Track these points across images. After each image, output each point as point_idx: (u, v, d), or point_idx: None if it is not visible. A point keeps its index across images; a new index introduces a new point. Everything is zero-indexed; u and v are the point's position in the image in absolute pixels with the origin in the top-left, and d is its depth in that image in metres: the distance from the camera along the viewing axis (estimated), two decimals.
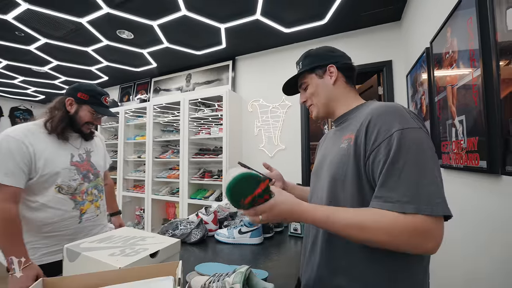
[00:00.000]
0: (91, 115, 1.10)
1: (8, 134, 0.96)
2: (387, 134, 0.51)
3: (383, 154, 0.50)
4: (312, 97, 0.73)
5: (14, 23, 2.22)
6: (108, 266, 0.63)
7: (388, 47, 2.26)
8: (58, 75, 3.67)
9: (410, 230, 0.45)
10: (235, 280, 0.47)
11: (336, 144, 0.65)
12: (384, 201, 0.49)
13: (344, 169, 0.58)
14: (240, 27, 2.32)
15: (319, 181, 0.69)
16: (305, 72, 0.72)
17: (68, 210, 1.05)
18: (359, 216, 0.50)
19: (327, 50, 0.73)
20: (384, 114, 0.54)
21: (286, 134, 2.65)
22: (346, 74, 0.71)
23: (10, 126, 5.24)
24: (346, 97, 0.70)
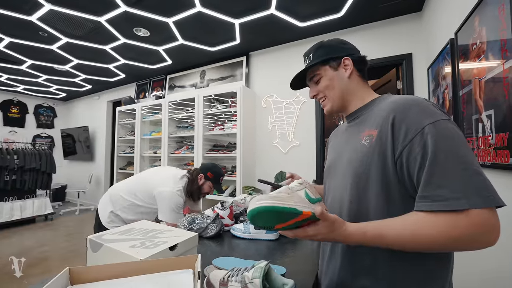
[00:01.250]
0: (209, 189, 1.48)
1: (176, 194, 1.34)
2: (418, 128, 0.48)
3: (418, 150, 0.47)
4: (325, 90, 0.69)
5: (38, 24, 2.33)
6: (130, 257, 0.65)
7: (408, 40, 2.16)
8: (78, 73, 3.83)
9: (470, 227, 0.42)
10: (254, 275, 0.47)
11: (353, 141, 0.62)
12: (432, 201, 0.45)
13: (368, 167, 0.54)
14: (255, 22, 2.30)
15: (335, 180, 0.66)
16: (318, 64, 0.68)
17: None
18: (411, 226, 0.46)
19: (339, 42, 0.70)
20: (409, 108, 0.51)
21: (300, 130, 2.62)
22: (359, 68, 0.68)
23: (35, 122, 5.57)
24: (361, 91, 0.68)
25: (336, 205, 0.63)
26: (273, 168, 2.73)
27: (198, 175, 1.45)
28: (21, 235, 3.44)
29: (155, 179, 1.40)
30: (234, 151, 2.66)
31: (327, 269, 0.64)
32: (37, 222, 4.05)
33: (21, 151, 3.90)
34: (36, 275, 2.31)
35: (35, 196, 4.15)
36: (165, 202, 1.29)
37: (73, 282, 0.56)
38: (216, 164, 1.52)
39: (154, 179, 1.41)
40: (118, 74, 3.86)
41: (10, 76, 3.99)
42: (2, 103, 5.10)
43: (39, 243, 3.15)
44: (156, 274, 0.56)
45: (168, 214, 1.29)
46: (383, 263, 0.53)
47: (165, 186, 1.32)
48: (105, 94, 4.90)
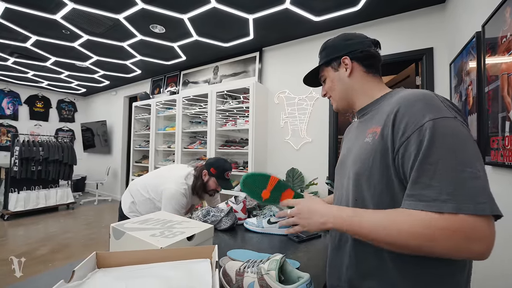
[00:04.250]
0: (215, 185, 1.40)
1: (179, 192, 1.34)
2: (417, 125, 0.46)
3: (414, 147, 0.45)
4: (329, 91, 0.71)
5: (61, 22, 2.43)
6: (150, 245, 0.68)
7: (429, 34, 2.07)
8: (97, 69, 3.97)
9: (450, 231, 0.40)
10: (270, 267, 0.48)
11: (360, 138, 0.61)
12: (418, 200, 0.43)
13: (370, 165, 0.53)
14: (269, 17, 2.28)
15: (343, 177, 0.66)
16: (323, 65, 0.71)
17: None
18: (389, 217, 0.46)
19: (342, 39, 0.69)
20: (413, 103, 0.49)
21: (313, 127, 2.60)
22: (365, 63, 0.65)
23: (57, 116, 5.84)
24: (367, 87, 0.66)
25: (343, 203, 0.64)
26: (285, 165, 2.73)
27: (202, 171, 1.43)
28: (46, 222, 3.66)
29: (166, 176, 1.43)
30: (246, 147, 2.68)
31: (334, 262, 0.65)
32: (60, 211, 4.29)
33: (45, 143, 4.12)
34: (60, 259, 2.47)
35: (58, 186, 4.39)
36: (168, 199, 1.31)
37: (99, 265, 0.60)
38: (220, 158, 1.45)
39: (165, 176, 1.43)
40: (135, 70, 3.97)
41: (35, 72, 4.21)
42: (28, 98, 5.39)
43: (62, 230, 3.34)
44: (176, 262, 0.58)
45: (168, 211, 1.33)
46: (390, 265, 0.52)
47: (172, 183, 1.34)
48: (122, 90, 5.06)
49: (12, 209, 3.73)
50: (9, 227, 3.40)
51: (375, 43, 0.67)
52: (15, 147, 3.83)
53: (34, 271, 2.21)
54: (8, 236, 3.10)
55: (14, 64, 3.80)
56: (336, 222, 0.53)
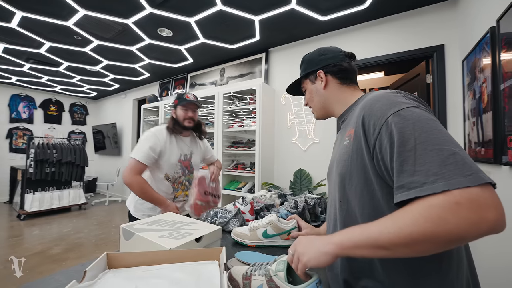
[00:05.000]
0: (183, 111, 1.39)
1: (152, 131, 1.35)
2: (383, 119, 0.48)
3: (387, 140, 0.47)
4: (309, 101, 0.78)
5: (73, 28, 2.51)
6: (159, 246, 0.69)
7: (440, 30, 2.02)
8: (107, 73, 4.07)
9: (451, 204, 0.38)
10: (278, 268, 0.48)
11: (341, 142, 0.64)
12: (408, 189, 0.42)
13: (349, 166, 0.56)
14: (275, 18, 2.28)
15: (330, 181, 0.70)
16: (303, 78, 0.78)
17: (168, 193, 1.40)
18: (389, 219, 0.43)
19: (317, 54, 0.75)
20: (375, 102, 0.52)
21: (321, 127, 2.57)
22: (338, 76, 0.72)
23: (70, 120, 6.02)
24: (342, 97, 0.71)
25: (331, 206, 0.67)
26: (292, 165, 2.71)
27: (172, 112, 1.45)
28: (60, 222, 3.77)
29: None
30: (252, 148, 2.68)
31: (331, 265, 0.65)
32: (72, 211, 4.41)
33: (59, 146, 4.25)
34: (73, 258, 2.53)
35: (71, 187, 4.52)
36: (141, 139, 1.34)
37: (110, 266, 0.61)
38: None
39: None
40: (143, 74, 4.04)
41: (49, 77, 4.36)
42: (43, 102, 5.58)
43: (74, 230, 3.44)
44: (184, 264, 0.59)
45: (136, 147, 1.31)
46: (378, 264, 0.53)
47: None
48: (131, 93, 5.17)
49: (28, 209, 3.86)
50: (25, 227, 3.52)
51: (349, 55, 0.73)
52: (31, 150, 3.97)
53: (48, 270, 2.28)
54: (24, 235, 3.20)
55: (30, 70, 3.94)
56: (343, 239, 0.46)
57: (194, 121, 1.44)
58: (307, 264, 0.48)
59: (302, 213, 1.06)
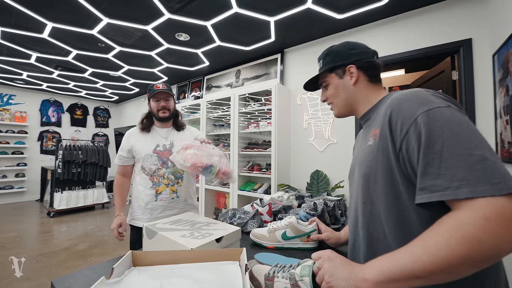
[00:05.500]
0: (155, 102, 1.38)
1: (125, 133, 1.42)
2: (412, 118, 0.46)
3: (415, 141, 0.45)
4: (331, 98, 0.72)
5: (97, 36, 2.64)
6: (181, 246, 0.70)
7: (467, 23, 1.90)
8: (128, 78, 4.24)
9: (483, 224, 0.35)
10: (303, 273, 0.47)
11: (364, 142, 0.63)
12: (430, 191, 0.41)
13: (374, 166, 0.55)
14: (290, 18, 2.27)
15: (352, 183, 0.68)
16: (326, 72, 0.71)
17: (147, 188, 1.34)
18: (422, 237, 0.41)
19: (348, 48, 0.69)
20: (404, 101, 0.50)
21: (338, 127, 2.51)
22: (368, 73, 0.68)
23: (94, 123, 6.34)
24: (368, 95, 0.68)
25: (354, 208, 0.65)
26: (309, 167, 2.67)
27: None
28: (84, 220, 3.98)
29: None
30: (268, 149, 2.68)
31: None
32: (96, 209, 4.64)
33: (84, 148, 4.50)
34: (98, 255, 2.66)
35: (95, 187, 4.76)
36: None
37: (134, 264, 0.63)
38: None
39: None
40: (161, 77, 4.17)
41: (75, 83, 4.63)
42: (69, 107, 5.94)
43: (98, 228, 3.61)
44: (206, 263, 0.60)
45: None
46: None
47: None
48: None
49: (57, 207, 4.11)
50: (54, 224, 3.75)
51: (375, 53, 0.71)
52: (59, 151, 4.23)
53: (75, 265, 2.41)
54: (53, 232, 3.42)
55: (58, 76, 4.21)
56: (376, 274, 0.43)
57: (170, 111, 1.40)
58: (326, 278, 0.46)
59: (322, 215, 1.04)
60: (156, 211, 1.33)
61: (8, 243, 2.93)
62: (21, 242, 3.01)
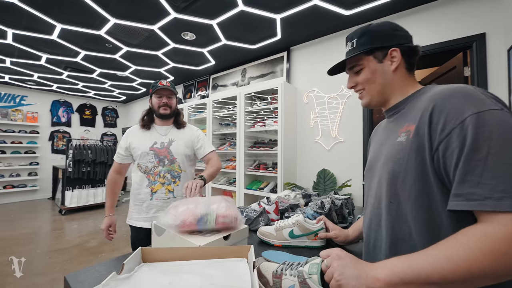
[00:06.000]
0: (157, 99, 1.36)
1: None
2: (458, 119, 0.42)
3: (457, 144, 0.42)
4: (365, 83, 0.63)
5: (105, 37, 2.68)
6: (189, 243, 0.71)
7: (481, 18, 1.84)
8: (135, 78, 4.30)
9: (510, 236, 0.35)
10: (311, 271, 0.47)
11: (391, 137, 0.58)
12: (466, 199, 0.39)
13: (405, 164, 0.51)
14: (296, 15, 2.25)
15: (374, 178, 0.63)
16: (361, 54, 0.62)
17: (143, 186, 1.31)
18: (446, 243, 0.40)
19: (390, 28, 0.61)
20: (451, 97, 0.45)
21: (345, 126, 2.49)
22: (408, 59, 0.61)
23: (102, 123, 6.45)
24: (404, 85, 0.61)
25: (375, 205, 0.61)
26: (315, 165, 2.65)
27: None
28: (95, 217, 4.07)
29: None
30: (274, 148, 2.67)
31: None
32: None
33: (93, 147, 4.59)
34: (108, 251, 2.72)
35: (104, 185, 4.85)
36: None
37: (144, 260, 0.64)
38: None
39: None
40: (168, 77, 4.21)
41: (84, 83, 4.72)
42: (79, 107, 6.06)
43: None
44: (214, 260, 0.60)
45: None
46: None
47: None
48: None
49: (68, 205, 4.22)
50: (66, 221, 3.85)
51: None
52: (69, 151, 4.32)
53: (86, 261, 2.47)
54: (65, 229, 3.50)
55: (67, 77, 4.30)
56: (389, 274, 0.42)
57: (171, 108, 1.36)
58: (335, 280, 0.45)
59: (329, 214, 1.03)
60: (151, 211, 1.29)
61: (22, 239, 3.02)
62: (35, 238, 3.10)
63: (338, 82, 2.52)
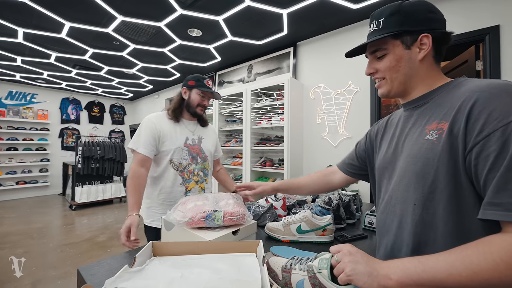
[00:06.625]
0: (200, 97, 1.26)
1: (147, 117, 1.23)
2: (502, 122, 0.39)
3: (495, 148, 0.39)
4: (387, 72, 0.57)
5: (112, 34, 2.71)
6: (198, 237, 0.72)
7: (494, 9, 1.78)
8: (142, 75, 4.33)
9: None
10: (321, 266, 0.47)
11: (415, 134, 0.54)
12: (506, 210, 0.37)
13: (435, 166, 0.47)
14: (303, 10, 2.21)
15: (393, 178, 0.58)
16: (388, 36, 0.54)
17: (176, 184, 1.21)
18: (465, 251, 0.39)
19: (426, 10, 0.53)
20: (495, 96, 0.41)
21: (353, 122, 2.46)
22: (438, 48, 0.54)
23: (110, 120, 6.55)
24: (430, 76, 0.55)
25: (396, 207, 0.56)
26: (322, 162, 2.64)
27: (181, 90, 1.31)
28: (104, 213, 4.16)
29: None
30: (281, 144, 2.66)
31: None
32: (114, 203, 4.83)
33: (102, 144, 4.67)
34: (117, 246, 2.77)
35: (112, 181, 4.94)
36: (140, 126, 1.22)
37: (154, 254, 0.65)
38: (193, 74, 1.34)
39: None
40: (174, 74, 4.23)
41: (92, 81, 4.79)
42: (87, 104, 6.16)
43: (116, 220, 3.76)
44: (223, 255, 0.60)
45: (135, 136, 1.20)
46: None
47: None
48: (164, 93, 5.45)
49: (78, 201, 4.32)
50: (76, 216, 3.94)
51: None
52: (79, 147, 4.41)
53: (97, 255, 2.53)
54: (75, 224, 3.60)
55: (76, 75, 4.37)
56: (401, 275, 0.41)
57: (205, 110, 1.33)
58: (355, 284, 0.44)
59: (337, 210, 1.02)
60: None
61: (35, 233, 3.12)
62: (47, 232, 3.20)
63: (345, 78, 2.48)
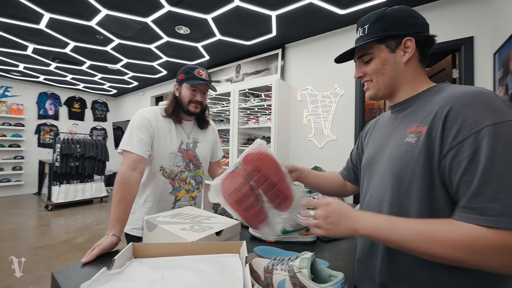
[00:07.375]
0: (190, 92, 1.09)
1: (140, 112, 1.08)
2: (474, 128, 0.41)
3: (467, 154, 0.41)
4: (373, 74, 0.60)
5: (96, 28, 2.60)
6: (181, 238, 0.71)
7: (469, 22, 1.89)
8: (127, 71, 4.20)
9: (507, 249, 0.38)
10: (302, 265, 0.48)
11: (397, 136, 0.56)
12: (479, 214, 0.39)
13: (412, 167, 0.49)
14: (292, 12, 2.24)
15: (374, 178, 0.61)
16: (372, 42, 0.57)
17: (165, 193, 1.09)
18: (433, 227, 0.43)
19: (408, 15, 0.56)
20: (469, 103, 0.43)
21: (338, 124, 2.52)
22: (422, 51, 0.57)
23: (92, 116, 6.29)
24: (415, 79, 0.58)
25: (375, 206, 0.59)
26: (308, 163, 2.68)
27: (174, 87, 1.15)
28: (83, 213, 3.98)
29: None
30: (268, 145, 2.67)
31: (366, 264, 0.61)
32: (94, 203, 4.64)
33: (82, 141, 4.47)
34: None
35: (93, 181, 4.74)
36: (130, 124, 1.06)
37: (135, 255, 0.63)
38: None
39: None
40: (161, 71, 4.14)
41: (73, 76, 4.57)
42: (67, 100, 5.88)
43: (97, 221, 3.61)
44: (206, 256, 0.60)
45: (125, 136, 1.03)
46: (423, 270, 0.49)
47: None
48: (149, 90, 5.31)
49: (55, 201, 4.11)
50: (52, 217, 3.75)
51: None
52: (57, 145, 4.20)
53: (74, 258, 2.42)
54: (51, 225, 3.42)
55: (56, 69, 4.16)
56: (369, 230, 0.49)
57: (202, 106, 1.14)
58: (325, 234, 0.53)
59: None
60: None
61: (6, 236, 2.93)
62: (19, 235, 3.01)
63: (331, 81, 2.54)
